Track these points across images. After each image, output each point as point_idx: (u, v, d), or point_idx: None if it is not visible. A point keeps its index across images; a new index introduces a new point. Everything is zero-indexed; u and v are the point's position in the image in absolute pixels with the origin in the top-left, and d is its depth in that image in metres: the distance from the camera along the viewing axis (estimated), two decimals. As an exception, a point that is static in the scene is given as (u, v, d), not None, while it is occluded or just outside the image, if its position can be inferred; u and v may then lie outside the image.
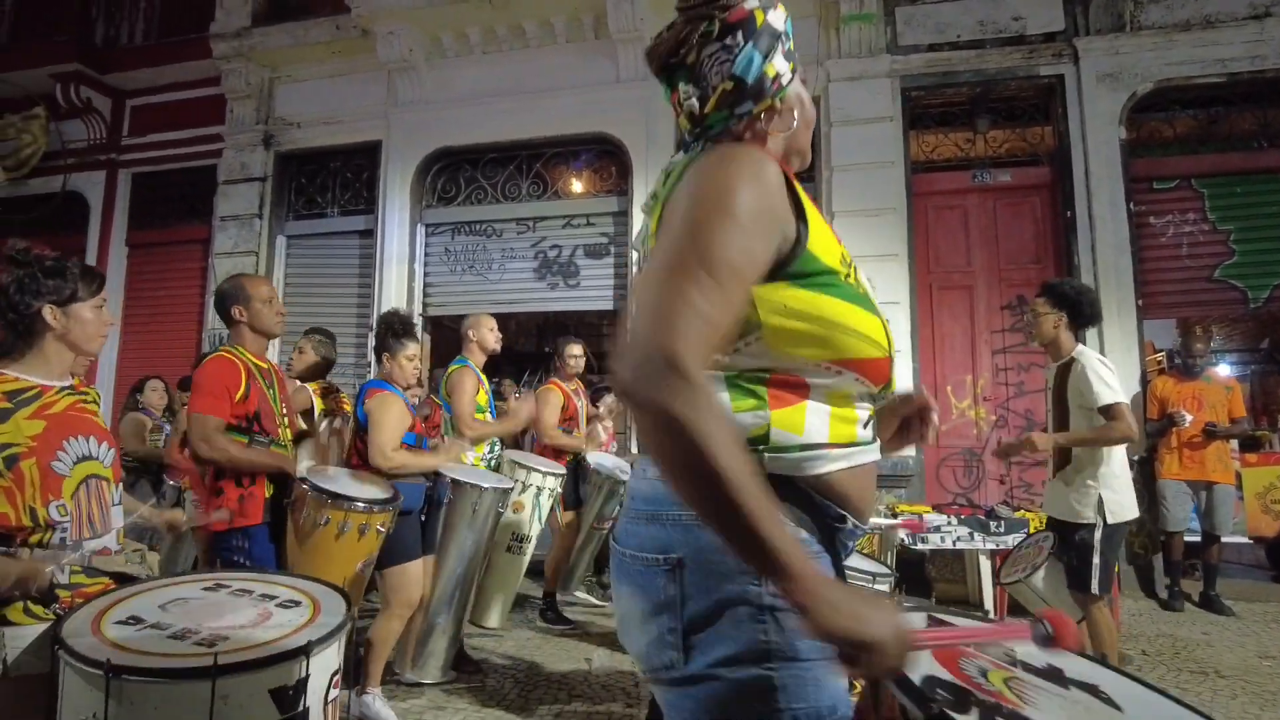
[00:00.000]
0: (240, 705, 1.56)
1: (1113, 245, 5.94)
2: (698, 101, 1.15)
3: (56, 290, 1.92)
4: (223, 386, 2.75)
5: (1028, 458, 3.31)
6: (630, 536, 1.10)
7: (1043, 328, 3.53)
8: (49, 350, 1.93)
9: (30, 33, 8.74)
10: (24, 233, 8.40)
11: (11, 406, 1.82)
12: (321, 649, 1.68)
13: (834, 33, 6.61)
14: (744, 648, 0.97)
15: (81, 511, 1.90)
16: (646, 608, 1.04)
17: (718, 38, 1.13)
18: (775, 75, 1.15)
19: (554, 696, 3.62)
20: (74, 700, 1.58)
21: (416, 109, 7.56)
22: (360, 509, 2.89)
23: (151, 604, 1.84)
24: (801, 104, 1.21)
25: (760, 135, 1.16)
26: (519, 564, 4.39)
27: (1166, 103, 6.24)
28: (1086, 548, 3.34)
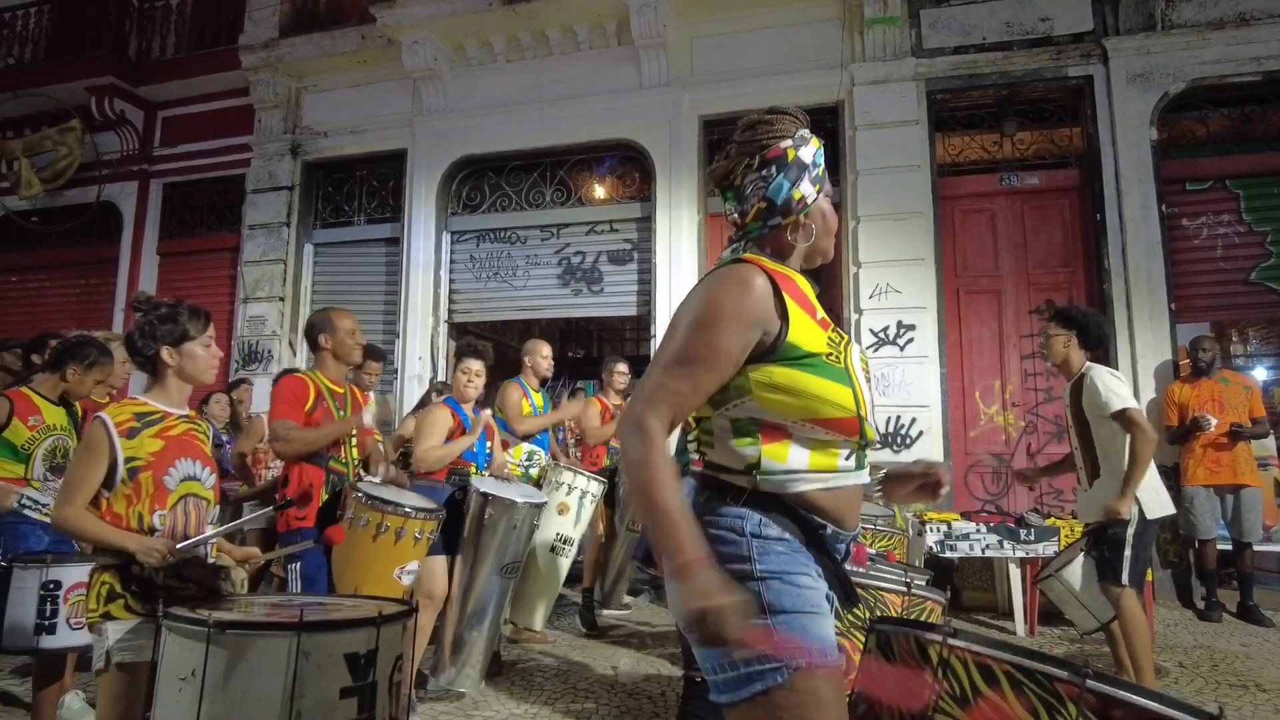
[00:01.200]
0: (319, 665, 1.77)
1: (1144, 248, 5.85)
2: (739, 215, 1.54)
3: (170, 333, 2.23)
4: (294, 396, 3.07)
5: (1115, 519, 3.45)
6: None
7: (1054, 348, 3.71)
8: (170, 384, 2.28)
9: (66, 47, 8.94)
10: (61, 243, 8.66)
11: (140, 426, 2.17)
12: (389, 625, 1.91)
13: (858, 36, 6.58)
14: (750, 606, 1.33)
15: (177, 522, 2.19)
16: None
17: (757, 168, 1.50)
18: (800, 197, 1.49)
19: (581, 701, 3.62)
20: (173, 662, 1.82)
21: (441, 117, 7.63)
22: (402, 512, 3.10)
23: (237, 605, 2.12)
24: (824, 217, 1.55)
25: (784, 243, 1.52)
26: (562, 566, 4.49)
27: (1199, 102, 6.14)
28: (1119, 541, 3.42)
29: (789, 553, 1.37)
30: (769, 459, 1.39)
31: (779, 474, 1.39)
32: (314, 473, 3.08)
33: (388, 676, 1.90)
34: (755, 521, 1.38)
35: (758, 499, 1.40)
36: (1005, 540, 4.86)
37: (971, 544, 4.86)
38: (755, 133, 1.51)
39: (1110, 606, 3.47)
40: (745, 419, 1.42)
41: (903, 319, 6.20)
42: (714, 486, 1.44)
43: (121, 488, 2.11)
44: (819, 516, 1.41)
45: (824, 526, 1.41)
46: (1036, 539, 4.83)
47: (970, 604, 5.43)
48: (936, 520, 4.97)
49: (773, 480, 1.39)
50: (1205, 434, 5.22)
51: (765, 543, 1.37)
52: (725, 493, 1.42)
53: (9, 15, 9.52)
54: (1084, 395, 3.57)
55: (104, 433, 2.10)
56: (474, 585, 3.69)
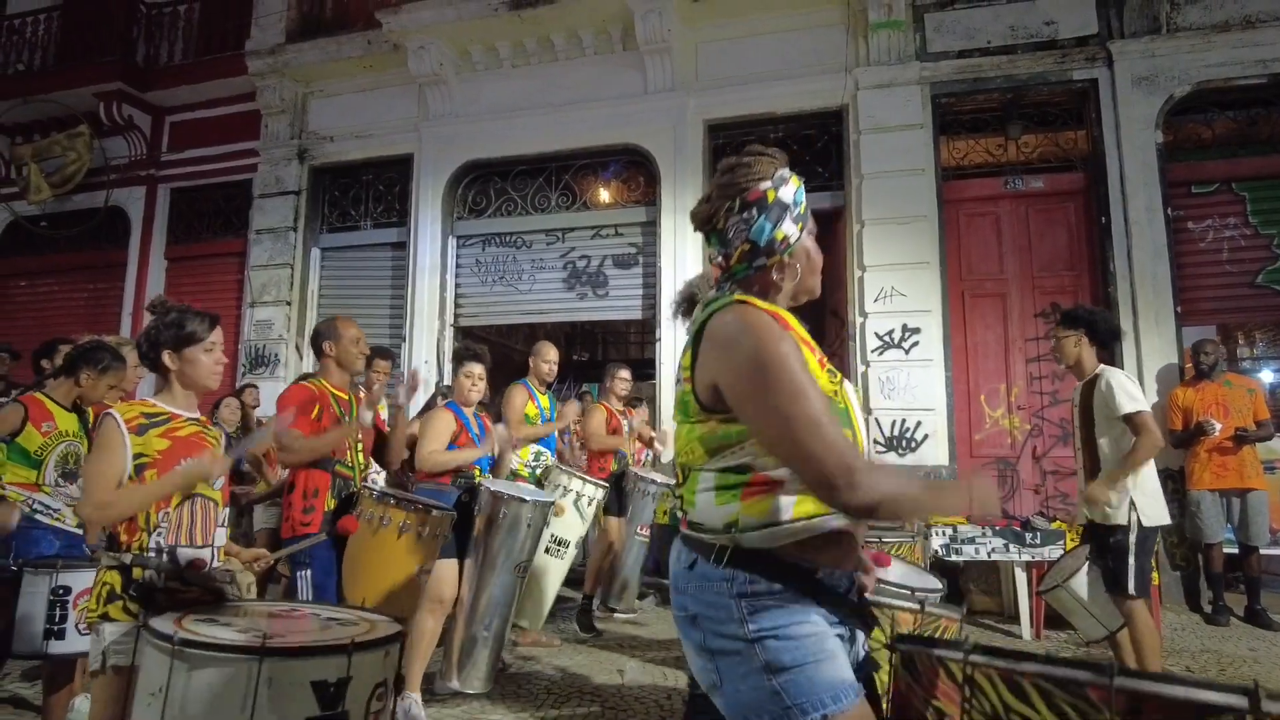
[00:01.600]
0: (283, 691, 1.66)
1: (1150, 251, 5.84)
2: (723, 257, 1.54)
3: (172, 337, 2.23)
4: (300, 404, 3.07)
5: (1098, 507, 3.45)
6: (674, 603, 1.52)
7: (1065, 349, 3.69)
8: (176, 388, 2.27)
9: (75, 54, 9.01)
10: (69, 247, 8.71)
11: (148, 423, 2.17)
12: (366, 653, 1.78)
13: (863, 40, 6.59)
14: (750, 668, 1.35)
15: (182, 521, 2.19)
16: (691, 648, 1.47)
17: (739, 211, 1.50)
18: (783, 237, 1.49)
19: (586, 706, 3.63)
20: (147, 677, 1.76)
21: (447, 122, 7.67)
22: (420, 510, 3.09)
23: (231, 613, 2.03)
24: (808, 255, 1.55)
25: (770, 283, 1.52)
26: (558, 567, 4.51)
27: (1205, 105, 6.13)
28: (1122, 550, 3.41)
29: (782, 605, 1.35)
30: (747, 515, 1.38)
31: (759, 529, 1.37)
32: (320, 477, 3.08)
33: (363, 705, 1.79)
34: (743, 580, 1.36)
35: (741, 557, 1.37)
36: (1011, 544, 4.85)
37: (977, 548, 4.86)
38: (734, 175, 1.51)
39: (1119, 615, 3.45)
40: (734, 468, 1.40)
41: (908, 322, 6.20)
42: (699, 548, 1.43)
43: (127, 484, 2.10)
44: (810, 562, 1.39)
45: (815, 570, 1.40)
46: (1042, 542, 4.82)
47: (976, 608, 5.42)
48: (943, 523, 4.97)
49: (753, 538, 1.37)
50: (1210, 438, 5.21)
51: (755, 600, 1.35)
52: (709, 554, 1.40)
53: (19, 22, 9.60)
54: (1095, 396, 3.56)
55: (116, 427, 2.11)
56: (484, 585, 3.71)
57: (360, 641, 1.77)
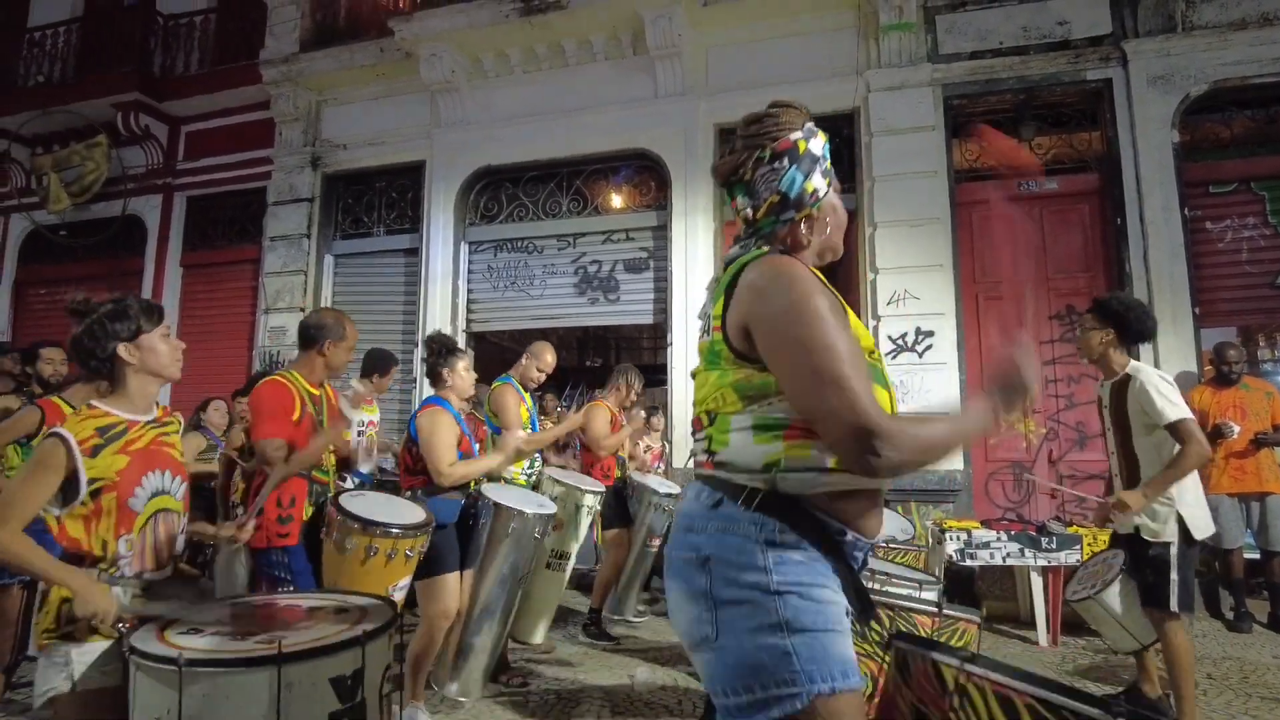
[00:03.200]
0: (304, 694, 1.67)
1: (1167, 252, 5.77)
2: (751, 210, 1.49)
3: (124, 329, 2.02)
4: (281, 408, 2.88)
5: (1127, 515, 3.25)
6: (676, 542, 1.43)
7: (1090, 343, 3.42)
8: (132, 385, 2.06)
9: (93, 65, 9.14)
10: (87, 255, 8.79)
11: (102, 442, 1.95)
12: (375, 641, 1.82)
13: (874, 42, 6.57)
14: (763, 622, 1.26)
15: (147, 544, 2.02)
16: (687, 594, 1.37)
17: (769, 161, 1.46)
18: (813, 190, 1.46)
19: (597, 712, 3.61)
20: (146, 702, 1.68)
21: (459, 129, 7.70)
22: (392, 534, 2.89)
23: (209, 619, 1.95)
24: (834, 211, 1.52)
25: (799, 238, 1.48)
26: (559, 580, 4.43)
27: (1222, 104, 6.05)
28: (1164, 564, 3.20)
29: (807, 561, 1.29)
30: (791, 457, 1.30)
31: (800, 473, 1.30)
32: (296, 484, 2.91)
33: (377, 689, 1.82)
34: (772, 528, 1.30)
35: (774, 502, 1.31)
36: (1026, 549, 4.79)
37: (992, 552, 4.80)
38: (763, 126, 1.48)
39: (1152, 629, 3.28)
40: (774, 418, 1.33)
41: (921, 325, 6.16)
42: (725, 488, 1.36)
43: (80, 508, 1.90)
44: (839, 521, 1.33)
45: (843, 532, 1.34)
46: (1058, 547, 4.76)
47: (991, 614, 5.35)
48: (956, 528, 4.91)
49: (793, 480, 1.31)
50: (1227, 441, 5.12)
51: (782, 551, 1.29)
52: (737, 495, 1.34)
53: (39, 35, 9.75)
54: (1130, 400, 3.29)
55: (63, 450, 1.87)
56: (480, 592, 3.65)
57: (370, 631, 1.81)
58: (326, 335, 3.05)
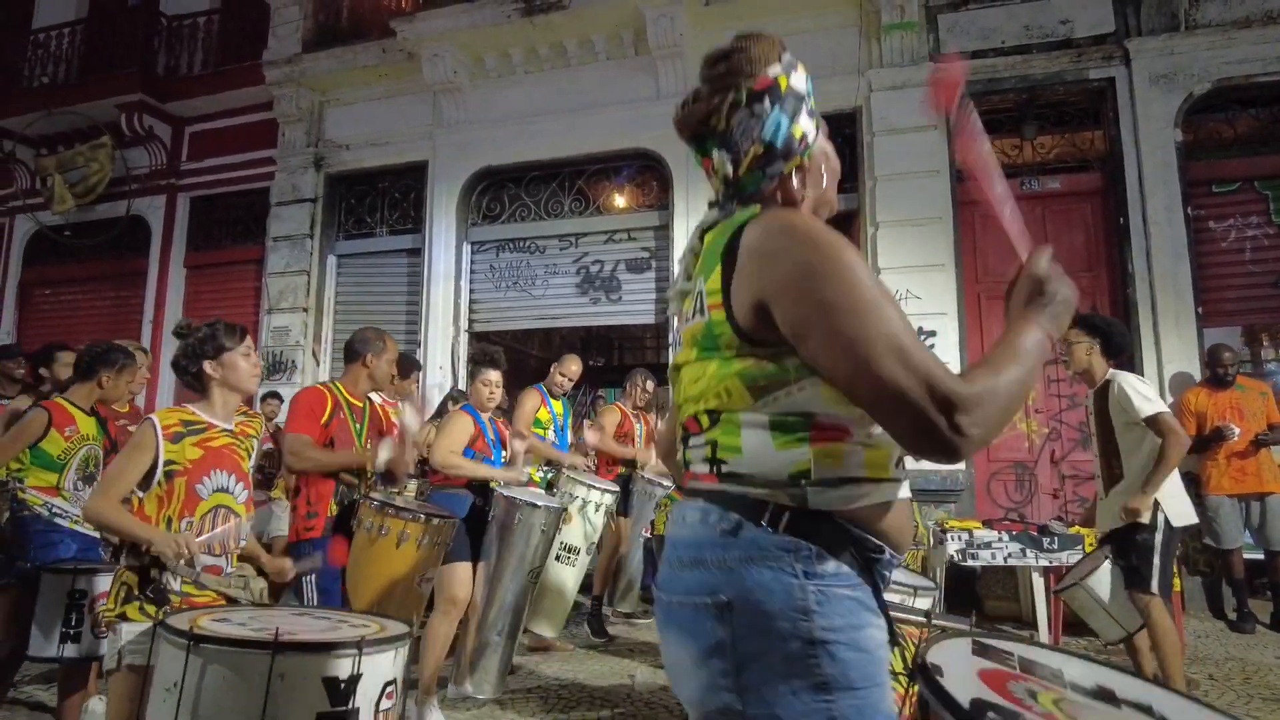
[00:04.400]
0: (294, 686, 1.72)
1: (1170, 251, 5.75)
2: (731, 166, 1.21)
3: (210, 349, 2.36)
4: (310, 410, 3.13)
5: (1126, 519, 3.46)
6: (674, 583, 1.14)
7: (1076, 355, 3.69)
8: (215, 397, 2.39)
9: (97, 66, 9.16)
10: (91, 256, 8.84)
11: (184, 432, 2.28)
12: (375, 651, 1.82)
13: (875, 42, 6.56)
14: (804, 682, 1.00)
15: (204, 531, 2.26)
16: (696, 652, 1.08)
17: (745, 105, 1.18)
18: (802, 135, 1.20)
19: (597, 711, 3.62)
20: (163, 672, 1.82)
21: (461, 129, 7.71)
22: (420, 520, 3.10)
23: (244, 615, 2.08)
24: (827, 158, 1.26)
25: (791, 193, 1.22)
26: (570, 574, 4.49)
27: (1226, 103, 6.03)
28: (1148, 548, 3.41)
29: (854, 596, 1.05)
30: (823, 465, 1.06)
31: (836, 484, 1.06)
32: (324, 484, 3.11)
33: (373, 704, 1.82)
34: (808, 555, 1.03)
35: (805, 521, 1.05)
36: (1028, 549, 4.78)
37: (993, 553, 4.79)
38: (733, 62, 1.21)
39: (1138, 616, 3.44)
40: (795, 414, 1.08)
41: (923, 325, 6.15)
42: (741, 507, 1.08)
43: (156, 489, 2.21)
44: (878, 538, 1.09)
45: (881, 550, 1.10)
46: (1060, 547, 4.75)
47: (993, 614, 5.35)
48: (958, 528, 4.91)
49: (829, 495, 1.06)
50: (1228, 443, 5.11)
51: (825, 585, 1.03)
52: (759, 514, 1.06)
53: (43, 36, 9.78)
54: (1110, 402, 3.55)
55: (153, 433, 2.22)
56: (497, 590, 3.73)
57: (370, 640, 1.82)
58: (368, 349, 3.30)
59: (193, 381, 2.40)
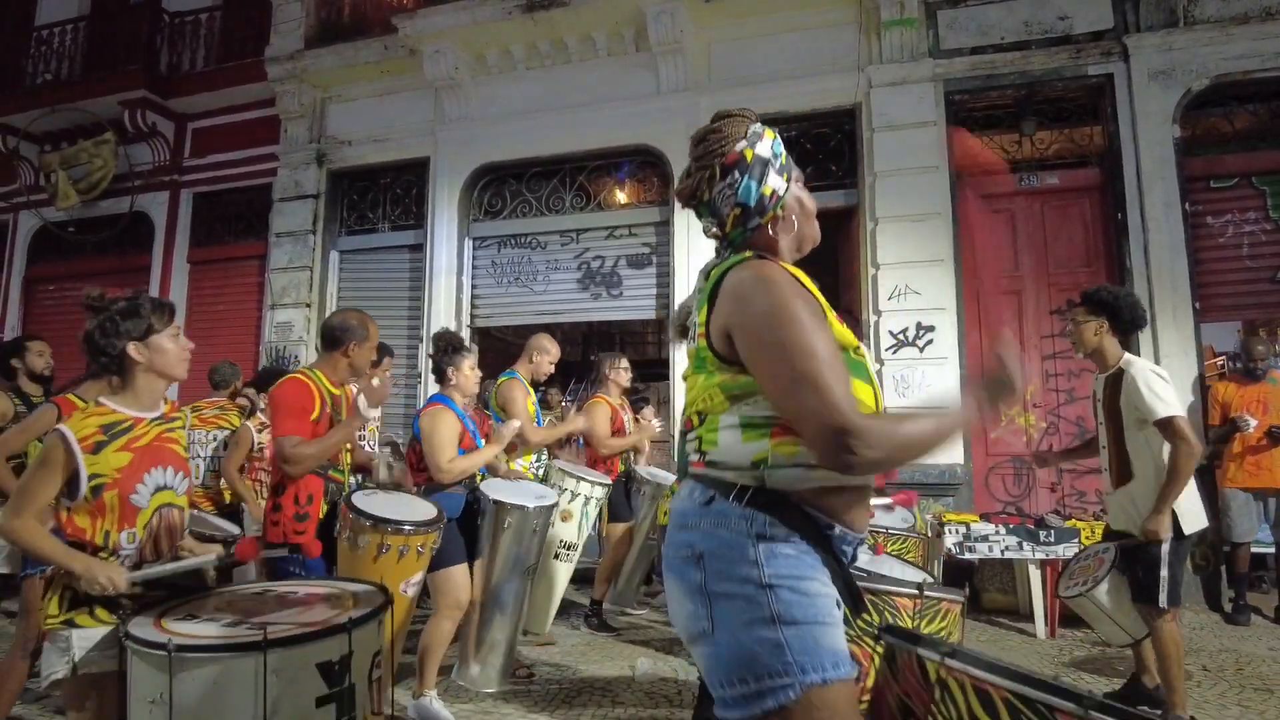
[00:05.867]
0: (290, 679, 1.71)
1: (1167, 247, 5.78)
2: (717, 227, 1.54)
3: (135, 328, 2.06)
4: (301, 407, 2.91)
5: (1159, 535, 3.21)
6: (671, 541, 1.47)
7: (1084, 336, 3.43)
8: (140, 383, 2.10)
9: (100, 63, 9.18)
10: (95, 252, 8.86)
11: (106, 439, 1.99)
12: (362, 627, 1.85)
13: (875, 38, 6.58)
14: (755, 615, 1.30)
15: (149, 539, 2.07)
16: (684, 591, 1.40)
17: (721, 178, 1.49)
18: (771, 192, 1.49)
19: (598, 702, 3.66)
20: (141, 685, 1.75)
21: (463, 125, 7.74)
22: (404, 531, 2.98)
23: (207, 606, 2.02)
24: (800, 204, 1.54)
25: (770, 240, 1.51)
26: (566, 571, 4.52)
27: (1224, 98, 6.06)
28: (1154, 560, 3.20)
29: (797, 555, 1.33)
30: (778, 454, 1.35)
31: (788, 469, 1.34)
32: (313, 483, 2.96)
33: (366, 675, 1.85)
34: (762, 522, 1.33)
35: (763, 498, 1.35)
36: (1025, 542, 4.83)
37: (990, 545, 4.84)
38: (708, 145, 1.51)
39: (1143, 625, 3.30)
40: (760, 415, 1.38)
41: (922, 320, 6.18)
42: (716, 486, 1.40)
43: (83, 504, 1.96)
44: (827, 516, 1.37)
45: (831, 526, 1.38)
46: (1056, 540, 4.80)
47: (991, 606, 5.40)
48: (955, 521, 4.95)
49: (781, 476, 1.35)
50: (1243, 436, 5.13)
51: (773, 545, 1.32)
52: (728, 492, 1.37)
53: (47, 33, 9.80)
54: (1123, 393, 3.30)
55: (62, 447, 1.93)
56: (494, 590, 3.73)
57: (357, 618, 1.83)
58: (351, 337, 3.07)
59: (110, 364, 2.08)
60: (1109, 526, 3.60)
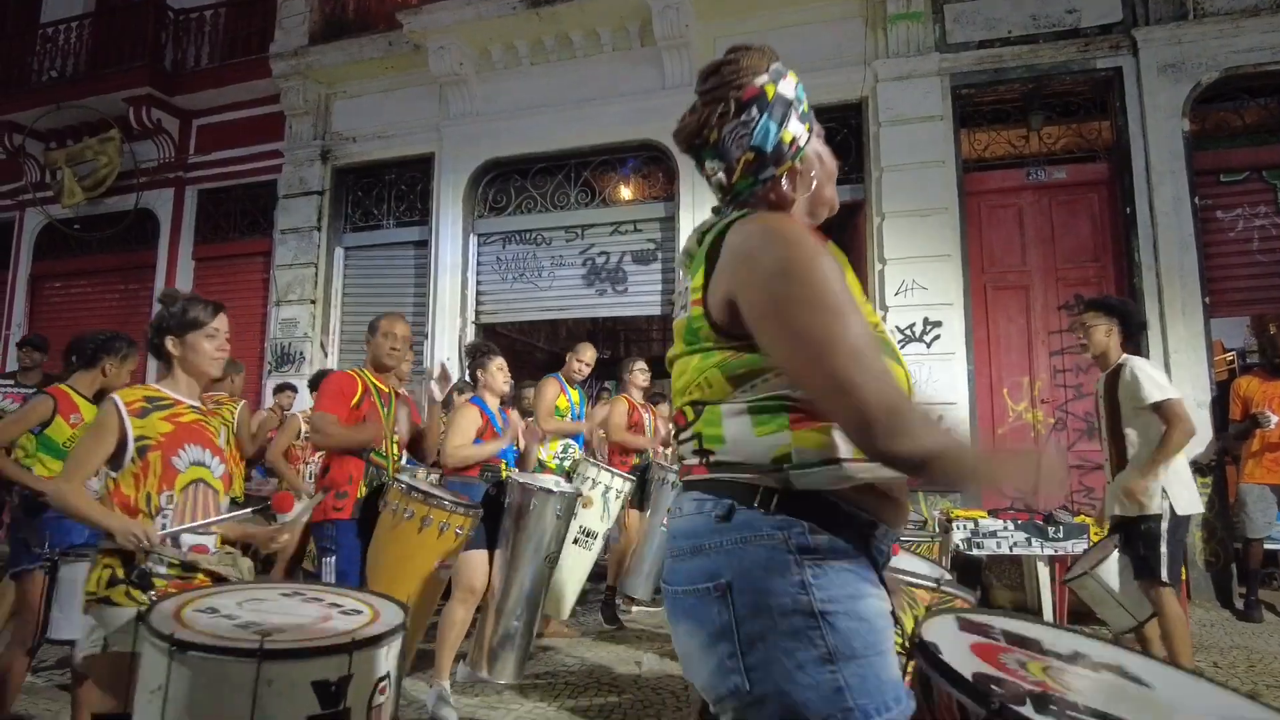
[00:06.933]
0: (282, 692, 1.65)
1: (1176, 241, 5.74)
2: (724, 174, 1.28)
3: (177, 324, 2.25)
4: (340, 391, 3.20)
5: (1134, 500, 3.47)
6: (677, 573, 1.17)
7: (1096, 337, 3.65)
8: (179, 374, 2.30)
9: (105, 60, 9.21)
10: (101, 249, 8.91)
11: (150, 407, 2.19)
12: (365, 650, 1.75)
13: (881, 32, 6.55)
14: (807, 655, 1.03)
15: (186, 505, 2.19)
16: (704, 638, 1.10)
17: (735, 115, 1.24)
18: (792, 140, 1.24)
19: (604, 697, 3.65)
20: (148, 672, 1.75)
21: (467, 121, 7.73)
22: (446, 507, 3.12)
23: (231, 601, 1.99)
24: (821, 161, 1.30)
25: (783, 196, 1.26)
26: (586, 558, 4.54)
27: (1234, 92, 6.01)
28: (1154, 537, 3.39)
29: (851, 568, 1.08)
30: (802, 447, 1.09)
31: (818, 468, 1.08)
32: (354, 464, 3.16)
33: (365, 701, 1.78)
34: (801, 531, 1.07)
35: (793, 501, 1.09)
36: (1033, 538, 4.79)
37: (999, 541, 4.80)
38: (723, 76, 1.26)
39: (1148, 605, 3.45)
40: (772, 399, 1.12)
41: (929, 315, 6.15)
42: (732, 492, 1.12)
43: (130, 466, 2.12)
44: (869, 513, 1.13)
45: (875, 525, 1.14)
46: (1065, 536, 4.76)
47: (999, 602, 5.37)
48: (963, 517, 4.92)
49: (812, 478, 1.09)
50: (1263, 432, 5.09)
51: (820, 561, 1.06)
52: (750, 497, 1.10)
53: (52, 30, 9.82)
54: (1120, 386, 3.54)
55: (115, 412, 2.13)
56: (515, 576, 3.74)
57: (360, 640, 1.75)
58: (368, 333, 3.40)
59: (157, 353, 2.29)
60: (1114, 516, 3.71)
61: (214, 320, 2.29)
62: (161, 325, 2.25)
